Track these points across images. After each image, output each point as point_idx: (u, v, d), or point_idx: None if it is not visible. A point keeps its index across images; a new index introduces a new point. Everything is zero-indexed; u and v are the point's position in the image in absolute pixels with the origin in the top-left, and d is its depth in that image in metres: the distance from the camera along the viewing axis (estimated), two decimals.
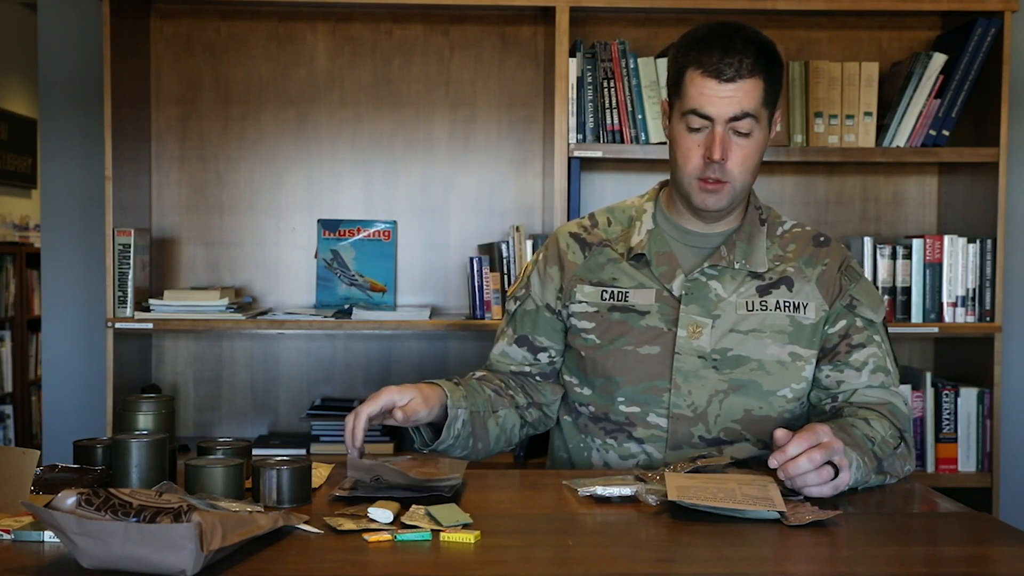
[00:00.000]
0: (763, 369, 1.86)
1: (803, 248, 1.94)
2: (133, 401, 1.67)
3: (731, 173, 1.82)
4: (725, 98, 1.78)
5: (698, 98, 1.79)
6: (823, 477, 1.56)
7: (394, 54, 3.21)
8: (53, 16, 3.24)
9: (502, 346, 2.01)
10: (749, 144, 1.82)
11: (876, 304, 1.92)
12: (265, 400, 3.24)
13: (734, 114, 1.79)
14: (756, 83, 1.79)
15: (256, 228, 3.23)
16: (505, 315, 2.04)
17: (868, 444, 1.70)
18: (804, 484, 1.56)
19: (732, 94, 1.78)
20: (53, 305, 3.27)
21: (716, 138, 1.79)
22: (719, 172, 1.81)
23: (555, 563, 1.32)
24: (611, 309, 1.91)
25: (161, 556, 1.17)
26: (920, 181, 3.29)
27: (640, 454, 1.87)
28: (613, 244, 1.96)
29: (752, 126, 1.81)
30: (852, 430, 1.71)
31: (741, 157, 1.82)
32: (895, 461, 1.75)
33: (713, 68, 1.78)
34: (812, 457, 1.54)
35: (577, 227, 2.01)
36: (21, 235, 6.42)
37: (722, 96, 1.78)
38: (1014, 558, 1.36)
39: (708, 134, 1.81)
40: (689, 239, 1.93)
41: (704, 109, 1.79)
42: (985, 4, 2.95)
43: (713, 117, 1.79)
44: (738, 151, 1.81)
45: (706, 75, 1.79)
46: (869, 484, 1.69)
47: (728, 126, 1.80)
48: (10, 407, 5.70)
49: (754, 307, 1.87)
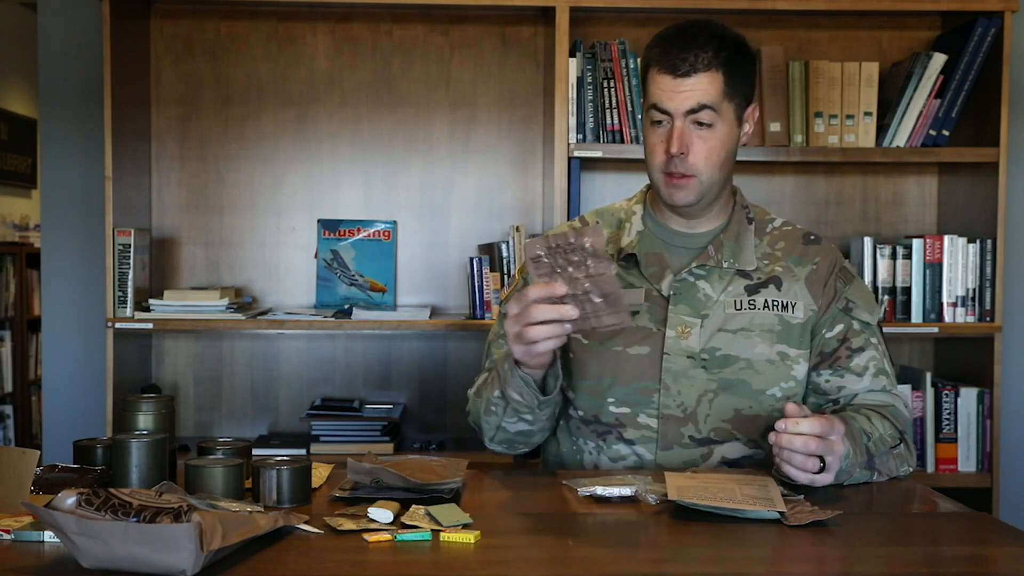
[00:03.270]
0: (752, 368, 1.86)
1: (792, 247, 1.94)
2: (133, 401, 1.67)
3: (695, 167, 1.84)
4: (681, 92, 1.82)
5: (657, 94, 1.84)
6: (807, 465, 1.57)
7: (394, 54, 3.21)
8: (53, 16, 3.24)
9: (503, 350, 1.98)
10: (712, 136, 1.84)
11: (871, 306, 1.92)
12: (265, 400, 3.24)
13: (690, 107, 1.82)
14: (713, 76, 1.82)
15: (256, 228, 3.23)
16: (498, 318, 2.02)
17: (864, 438, 1.70)
18: (787, 461, 1.58)
19: (689, 88, 1.82)
20: (53, 305, 3.27)
21: (675, 132, 1.83)
22: (682, 166, 1.84)
23: (555, 563, 1.32)
24: None
25: (161, 556, 1.17)
26: (920, 181, 3.29)
27: (631, 455, 1.87)
28: None
29: (713, 118, 1.83)
30: (851, 422, 1.72)
31: (705, 150, 1.84)
32: (890, 460, 1.76)
33: (669, 64, 1.83)
34: (808, 444, 1.56)
35: (568, 229, 2.01)
36: (21, 235, 6.42)
37: (678, 91, 1.82)
38: (1014, 558, 1.36)
39: (669, 128, 1.84)
40: (677, 239, 1.94)
41: (662, 103, 1.83)
42: (985, 4, 2.95)
43: (671, 111, 1.83)
44: (700, 144, 1.84)
45: (663, 71, 1.83)
46: (854, 478, 1.69)
47: (688, 119, 1.83)
48: (10, 407, 5.70)
49: (742, 306, 1.88)
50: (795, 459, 1.57)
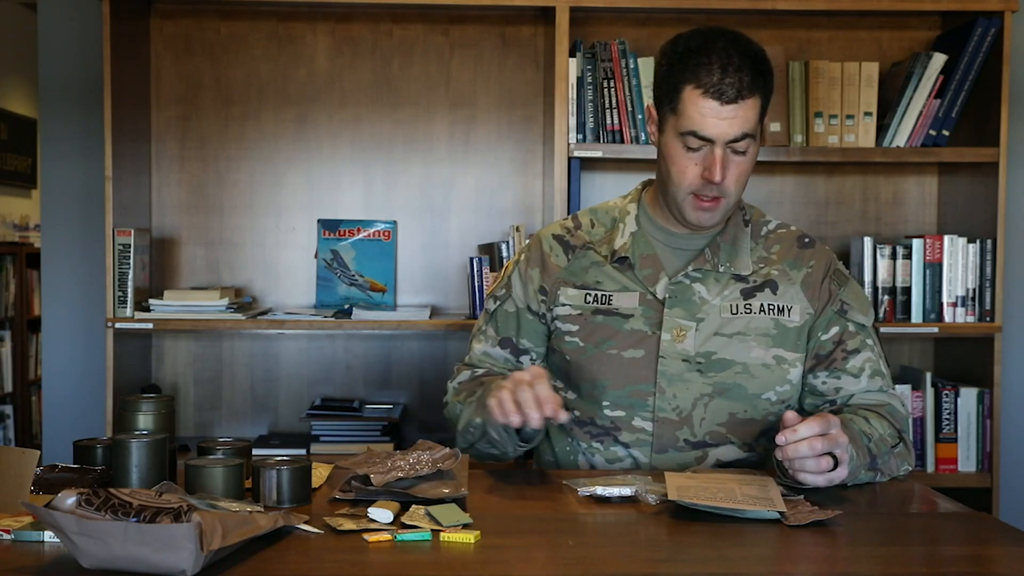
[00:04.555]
0: (748, 372, 1.85)
1: (787, 250, 1.94)
2: (133, 401, 1.67)
3: (727, 190, 1.82)
4: (726, 119, 1.76)
5: (699, 120, 1.77)
6: (821, 466, 1.56)
7: (394, 54, 3.21)
8: (53, 16, 3.24)
9: (485, 347, 1.99)
10: (745, 161, 1.82)
11: (866, 307, 1.92)
12: (265, 400, 3.24)
13: (735, 136, 1.78)
14: (755, 101, 1.78)
15: (256, 228, 3.23)
16: (483, 313, 2.02)
17: (864, 440, 1.70)
18: (801, 468, 1.57)
19: (733, 115, 1.76)
20: (53, 305, 3.27)
21: (716, 160, 1.78)
22: (716, 190, 1.81)
23: (555, 563, 1.32)
24: (595, 312, 1.90)
25: (161, 556, 1.17)
26: (920, 181, 3.29)
27: (626, 458, 1.87)
28: (596, 246, 1.95)
29: (749, 144, 1.80)
30: (850, 424, 1.71)
31: (736, 174, 1.81)
32: (890, 460, 1.76)
33: (715, 89, 1.75)
34: (814, 445, 1.55)
35: (561, 229, 2.00)
36: (21, 235, 6.42)
37: (723, 118, 1.76)
38: (1014, 558, 1.36)
39: (707, 154, 1.79)
40: (673, 241, 1.93)
41: (705, 132, 1.77)
42: (985, 4, 2.95)
43: (714, 139, 1.78)
44: (734, 168, 1.81)
45: (707, 96, 1.76)
46: (859, 480, 1.69)
47: (728, 146, 1.79)
48: (10, 407, 5.70)
49: (738, 310, 1.87)
50: (808, 464, 1.56)
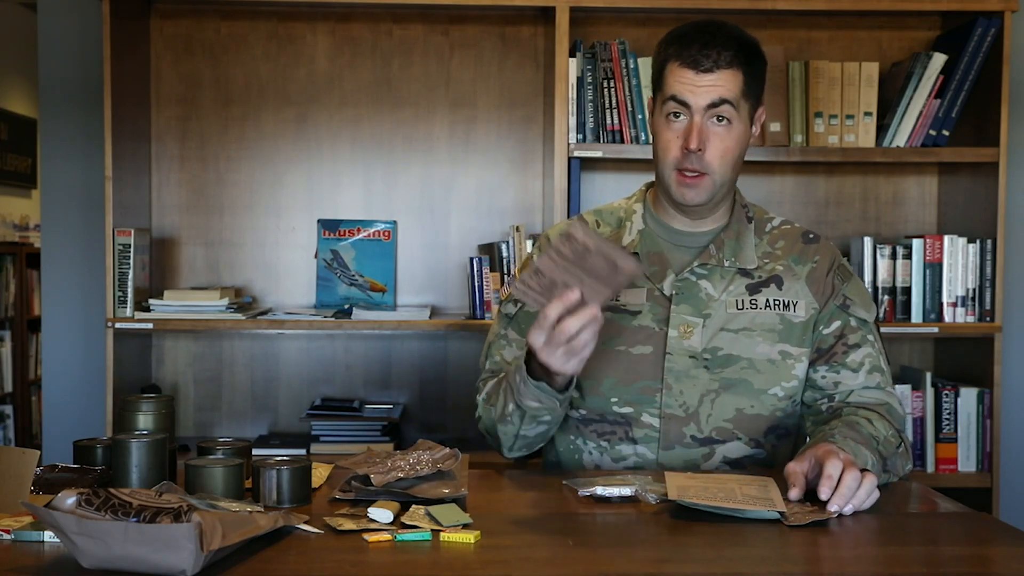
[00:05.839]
0: (754, 368, 1.86)
1: (792, 245, 1.94)
2: (133, 401, 1.67)
3: (710, 165, 1.83)
4: (703, 87, 1.81)
5: (677, 86, 1.82)
6: (868, 488, 1.52)
7: (394, 54, 3.21)
8: (53, 16, 3.24)
9: (512, 351, 1.95)
10: (728, 135, 1.83)
11: (868, 304, 1.92)
12: (265, 400, 3.24)
13: (712, 100, 1.80)
14: (735, 74, 1.81)
15: (256, 228, 3.23)
16: (501, 318, 1.99)
17: (874, 444, 1.71)
18: (860, 502, 1.51)
19: (711, 83, 1.80)
20: (53, 305, 3.27)
21: (694, 127, 1.81)
22: (697, 163, 1.82)
23: (555, 563, 1.32)
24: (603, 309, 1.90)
25: (161, 556, 1.17)
26: (920, 181, 3.29)
27: (633, 455, 1.87)
28: None
29: (731, 113, 1.82)
30: (859, 428, 1.72)
31: (720, 149, 1.82)
32: (897, 460, 1.76)
33: (691, 59, 1.81)
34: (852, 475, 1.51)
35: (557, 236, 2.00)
36: (21, 235, 6.42)
37: (700, 85, 1.81)
38: (1014, 558, 1.36)
39: (687, 124, 1.82)
40: (678, 239, 1.93)
41: (682, 95, 1.81)
42: (985, 4, 2.95)
43: (691, 104, 1.81)
44: (717, 142, 1.82)
45: (684, 65, 1.82)
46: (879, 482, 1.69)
47: (707, 115, 1.81)
48: (10, 407, 5.70)
49: (744, 306, 1.87)
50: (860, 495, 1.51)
